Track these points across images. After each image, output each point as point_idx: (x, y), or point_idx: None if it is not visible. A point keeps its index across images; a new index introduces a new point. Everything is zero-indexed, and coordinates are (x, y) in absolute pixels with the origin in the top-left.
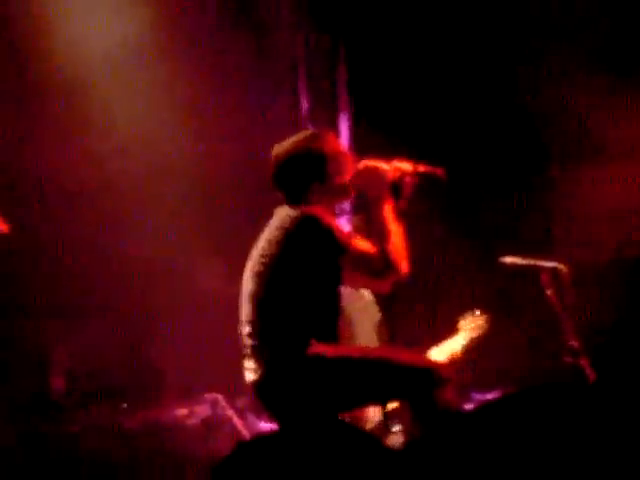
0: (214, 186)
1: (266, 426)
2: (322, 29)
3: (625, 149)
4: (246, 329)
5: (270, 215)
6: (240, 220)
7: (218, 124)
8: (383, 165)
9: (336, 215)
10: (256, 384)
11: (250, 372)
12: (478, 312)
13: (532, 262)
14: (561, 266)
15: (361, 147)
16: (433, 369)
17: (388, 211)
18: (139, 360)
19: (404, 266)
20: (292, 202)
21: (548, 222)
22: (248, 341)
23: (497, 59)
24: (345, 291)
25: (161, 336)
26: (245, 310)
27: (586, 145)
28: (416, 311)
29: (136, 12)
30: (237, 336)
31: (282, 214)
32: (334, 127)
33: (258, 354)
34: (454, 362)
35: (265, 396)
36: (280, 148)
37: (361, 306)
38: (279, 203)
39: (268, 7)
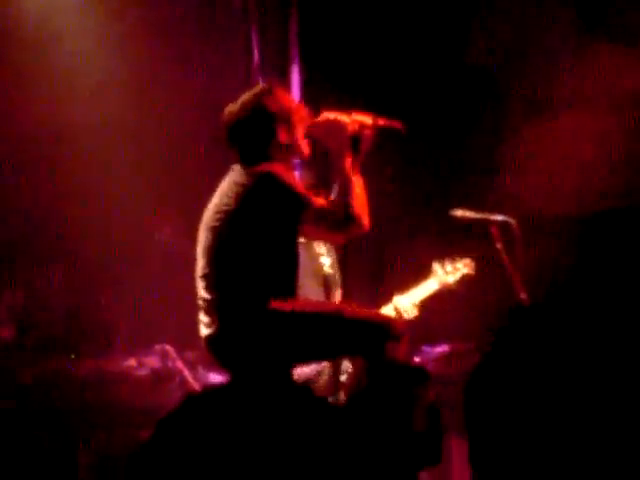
0: (167, 139)
1: (216, 378)
2: None
3: (577, 100)
4: (201, 283)
5: (225, 169)
6: (194, 172)
7: (169, 76)
8: (343, 117)
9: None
10: (210, 338)
11: (204, 326)
12: (457, 258)
13: (482, 215)
14: (511, 220)
15: (312, 98)
16: (386, 324)
17: (348, 164)
18: (89, 310)
19: (365, 219)
20: (249, 159)
21: (499, 175)
22: (203, 295)
23: (451, 11)
24: None
25: (112, 287)
26: (200, 264)
27: (538, 97)
28: (366, 264)
29: None
30: (188, 288)
31: (240, 171)
32: (286, 78)
33: (213, 308)
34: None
35: (219, 350)
36: (231, 108)
37: (308, 258)
38: (234, 158)
39: None
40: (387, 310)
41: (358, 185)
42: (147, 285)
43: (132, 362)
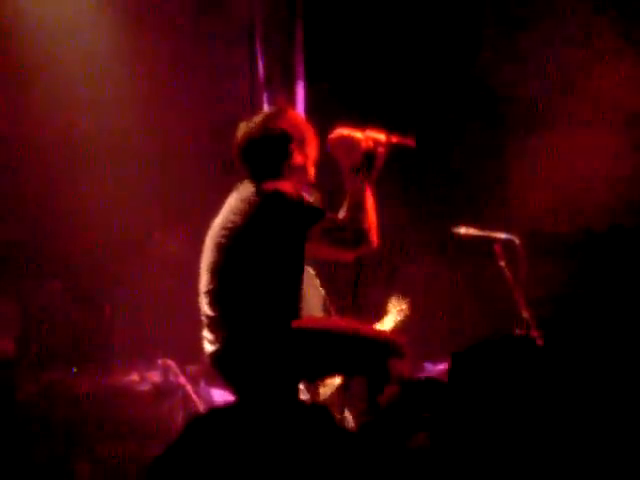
0: (171, 153)
1: (218, 393)
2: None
3: (582, 118)
4: (205, 299)
5: (230, 184)
6: (197, 187)
7: (173, 89)
8: (357, 134)
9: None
10: (214, 355)
11: (209, 343)
12: (400, 297)
13: (485, 233)
14: (514, 238)
15: (317, 114)
16: (390, 342)
17: (360, 181)
18: (92, 324)
19: (375, 238)
20: (260, 177)
21: (504, 191)
22: (207, 311)
23: (459, 23)
24: None
25: (115, 301)
26: (204, 280)
27: (542, 114)
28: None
29: None
30: (191, 303)
31: (247, 187)
32: (291, 93)
33: (217, 325)
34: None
35: (223, 367)
36: (245, 128)
37: (307, 279)
38: (239, 172)
39: None
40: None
41: (369, 202)
42: (149, 299)
43: (134, 376)
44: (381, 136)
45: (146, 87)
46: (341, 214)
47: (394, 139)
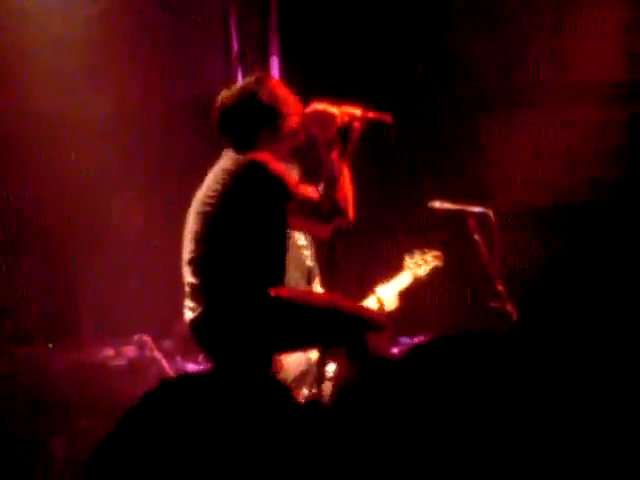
0: (147, 127)
1: (193, 368)
2: None
3: (552, 94)
4: (188, 267)
5: (208, 156)
6: (169, 161)
7: (148, 66)
8: (333, 108)
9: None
10: (195, 322)
11: (189, 310)
12: (427, 251)
13: (460, 207)
14: (488, 211)
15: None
16: (368, 315)
17: (336, 156)
18: (64, 300)
19: (350, 212)
20: (240, 148)
21: (478, 167)
22: (189, 279)
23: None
24: None
25: (88, 276)
26: (187, 249)
27: (513, 90)
28: (349, 256)
29: None
30: (167, 279)
31: (230, 158)
32: (265, 69)
33: (199, 292)
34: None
35: (201, 334)
36: (227, 94)
37: (292, 249)
38: (218, 145)
39: None
40: (370, 301)
41: (345, 177)
42: (124, 274)
43: (109, 352)
44: (357, 111)
45: (119, 69)
46: (319, 188)
47: (370, 114)
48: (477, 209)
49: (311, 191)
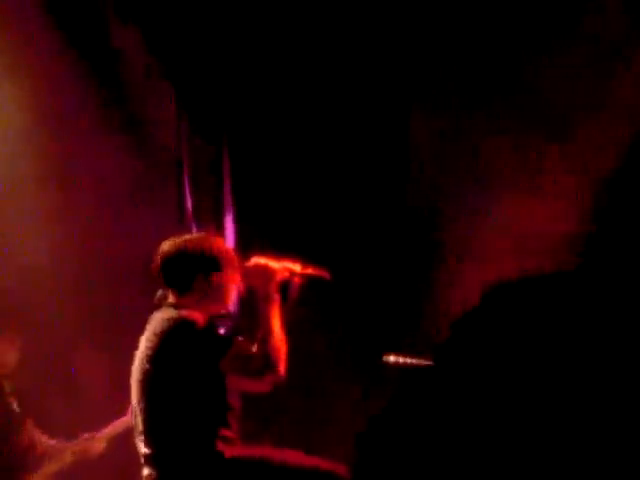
0: (97, 283)
1: None
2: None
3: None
4: (139, 438)
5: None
6: (122, 316)
7: (101, 222)
8: (273, 264)
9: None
10: None
11: (146, 478)
12: None
13: (415, 361)
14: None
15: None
16: (331, 472)
17: (273, 311)
18: None
19: (282, 367)
20: (175, 298)
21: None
22: (142, 450)
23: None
24: None
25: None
26: (136, 421)
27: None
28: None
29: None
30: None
31: (159, 318)
32: (219, 226)
33: (153, 461)
34: None
35: None
36: (164, 247)
37: None
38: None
39: (147, 105)
40: None
41: (279, 333)
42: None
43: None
44: (296, 267)
45: (72, 223)
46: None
47: (309, 270)
48: (430, 363)
49: (245, 345)
